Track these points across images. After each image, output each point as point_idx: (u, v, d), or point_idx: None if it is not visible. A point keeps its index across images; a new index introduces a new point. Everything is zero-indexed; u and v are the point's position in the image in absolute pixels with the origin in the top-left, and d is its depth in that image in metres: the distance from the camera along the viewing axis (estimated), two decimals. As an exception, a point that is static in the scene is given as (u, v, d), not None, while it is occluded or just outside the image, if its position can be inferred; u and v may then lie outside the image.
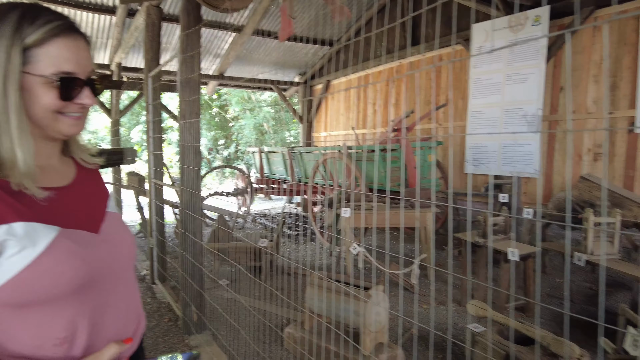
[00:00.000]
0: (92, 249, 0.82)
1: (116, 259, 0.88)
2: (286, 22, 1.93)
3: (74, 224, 0.82)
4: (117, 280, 0.87)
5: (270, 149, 8.18)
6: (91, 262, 0.80)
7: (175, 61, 3.46)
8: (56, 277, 0.74)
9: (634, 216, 3.58)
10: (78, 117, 0.84)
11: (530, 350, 2.37)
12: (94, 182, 0.97)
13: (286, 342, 2.93)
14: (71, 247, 0.77)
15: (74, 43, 0.80)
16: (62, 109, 0.81)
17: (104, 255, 0.84)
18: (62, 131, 0.83)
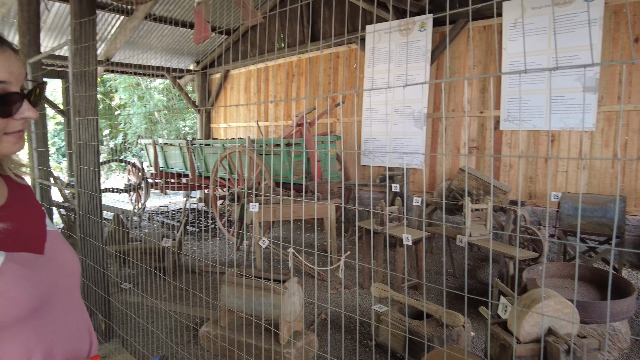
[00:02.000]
0: (40, 271, 0.80)
1: (63, 278, 0.86)
2: (201, 25, 1.93)
3: (17, 246, 0.79)
4: (66, 299, 0.87)
5: (166, 141, 7.80)
6: (40, 284, 0.79)
7: (58, 42, 3.16)
8: (7, 304, 0.72)
9: (500, 201, 4.27)
10: (19, 133, 0.80)
11: (427, 323, 2.74)
12: (28, 200, 0.93)
13: (202, 340, 2.94)
14: (19, 271, 0.75)
15: (2, 55, 0.75)
16: (5, 129, 0.77)
17: (51, 275, 0.82)
18: (6, 150, 0.79)
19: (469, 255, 4.88)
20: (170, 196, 10.48)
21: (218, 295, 2.94)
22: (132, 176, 8.37)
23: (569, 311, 1.66)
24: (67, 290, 0.88)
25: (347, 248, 5.43)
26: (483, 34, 5.85)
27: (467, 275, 4.40)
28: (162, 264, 4.45)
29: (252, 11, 2.32)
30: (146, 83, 13.69)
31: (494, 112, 5.68)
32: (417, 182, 6.47)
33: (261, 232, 4.71)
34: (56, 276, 0.84)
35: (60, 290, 0.85)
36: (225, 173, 6.07)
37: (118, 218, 4.86)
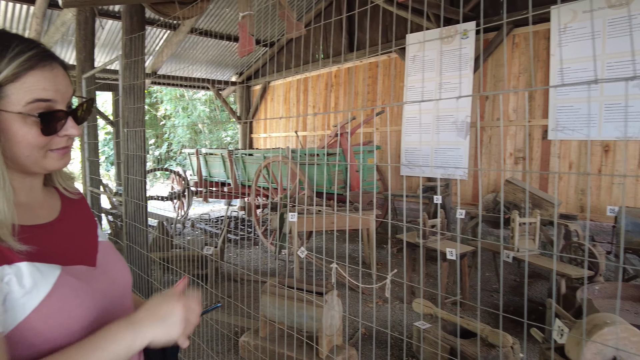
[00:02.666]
0: (94, 284, 0.81)
1: (115, 289, 0.87)
2: (246, 38, 1.96)
3: (72, 260, 0.80)
4: (118, 310, 0.87)
5: (208, 151, 8.00)
6: (95, 297, 0.79)
7: (110, 57, 3.30)
8: (65, 317, 0.73)
9: (550, 215, 4.05)
10: (64, 150, 0.81)
11: (471, 342, 2.62)
12: (81, 211, 0.95)
13: (242, 350, 2.94)
14: (75, 284, 0.76)
15: (50, 73, 0.75)
16: (49, 145, 0.77)
17: (104, 288, 0.83)
18: (48, 167, 0.79)
19: (515, 272, 4.65)
20: (212, 204, 10.72)
21: (258, 305, 2.94)
22: (176, 184, 8.64)
23: (637, 340, 1.52)
24: (119, 302, 0.88)
25: (387, 261, 5.33)
26: (529, 41, 5.63)
27: (513, 290, 4.19)
28: (203, 272, 4.53)
29: (296, 24, 2.33)
30: (190, 94, 14.18)
31: (541, 122, 5.44)
32: (461, 194, 6.27)
33: (300, 241, 4.71)
34: (109, 288, 0.85)
35: (113, 302, 0.85)
36: (265, 182, 6.14)
37: (162, 225, 5.01)
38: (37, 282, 0.71)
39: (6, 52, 0.72)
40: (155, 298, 0.80)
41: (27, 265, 0.71)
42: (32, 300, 0.70)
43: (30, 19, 6.66)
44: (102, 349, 0.71)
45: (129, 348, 0.73)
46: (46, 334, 0.71)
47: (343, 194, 5.68)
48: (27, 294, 0.70)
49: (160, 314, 0.77)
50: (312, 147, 7.30)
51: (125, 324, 0.74)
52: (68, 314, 0.74)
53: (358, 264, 5.13)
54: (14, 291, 0.69)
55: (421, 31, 6.53)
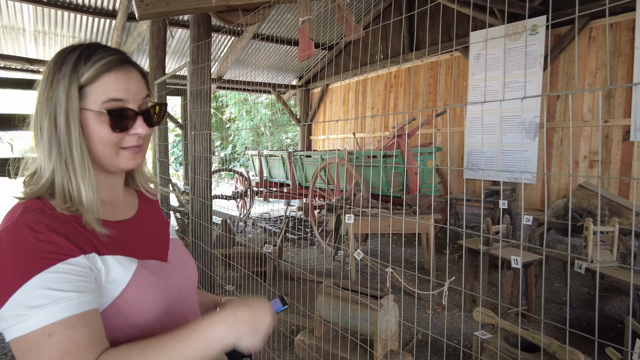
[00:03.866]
0: (165, 278, 0.87)
1: (184, 284, 0.93)
2: (305, 43, 2.00)
3: (147, 254, 0.87)
4: (185, 304, 0.93)
5: (269, 153, 8.24)
6: (166, 291, 0.86)
7: (179, 63, 3.51)
8: (140, 307, 0.79)
9: (630, 224, 3.70)
10: (136, 150, 0.86)
11: (535, 357, 2.47)
12: (155, 211, 1.03)
13: (297, 348, 3.00)
14: (150, 277, 0.83)
15: (124, 75, 0.82)
16: (120, 143, 0.83)
17: (174, 282, 0.89)
18: (120, 165, 0.85)
19: (590, 284, 4.30)
20: (272, 204, 11.02)
21: (314, 305, 2.98)
22: (239, 184, 8.98)
23: None
24: (187, 295, 0.94)
25: (446, 267, 5.16)
26: (609, 33, 5.19)
27: (586, 304, 3.88)
28: (262, 269, 4.68)
29: (355, 26, 2.34)
30: (253, 98, 14.68)
31: (622, 122, 5.00)
32: (527, 199, 5.93)
33: (356, 244, 4.70)
34: (178, 283, 0.91)
35: (182, 296, 0.91)
36: (323, 184, 6.20)
37: (225, 223, 5.23)
38: (119, 273, 0.78)
39: (90, 59, 0.80)
40: (255, 302, 0.83)
41: (111, 258, 0.79)
42: (114, 290, 0.77)
43: (112, 31, 7.26)
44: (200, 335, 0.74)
45: (222, 341, 0.76)
46: (121, 322, 0.78)
47: (401, 196, 5.59)
48: (111, 282, 0.77)
49: (257, 321, 0.80)
50: (369, 149, 7.25)
51: (225, 318, 0.77)
52: (143, 305, 0.80)
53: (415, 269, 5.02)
54: (102, 280, 0.77)
55: (485, 28, 6.25)
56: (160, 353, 0.70)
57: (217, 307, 1.07)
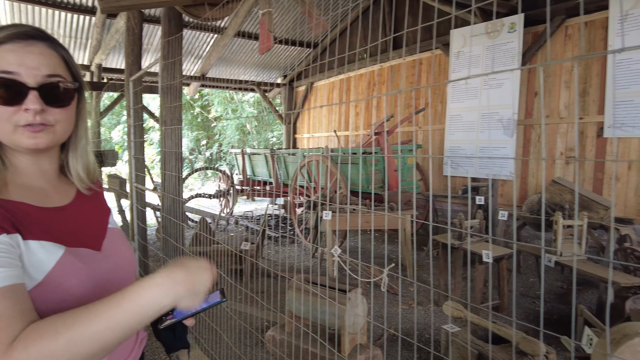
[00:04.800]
0: (95, 266, 0.85)
1: (118, 273, 0.91)
2: (265, 35, 1.98)
3: (77, 242, 0.85)
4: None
5: (252, 151, 8.21)
6: (95, 279, 0.83)
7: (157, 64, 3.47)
8: (64, 294, 0.77)
9: (600, 218, 3.75)
10: (36, 128, 0.80)
11: (501, 349, 2.49)
12: (95, 199, 1.00)
13: (267, 345, 2.99)
14: (77, 265, 0.81)
15: (22, 48, 0.78)
16: (14, 119, 0.79)
17: (105, 271, 0.87)
18: (20, 144, 0.80)
19: (561, 278, 4.35)
20: (257, 202, 10.98)
21: (282, 299, 2.97)
22: (223, 183, 8.94)
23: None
24: (120, 286, 0.92)
25: (425, 263, 5.19)
26: (583, 32, 5.26)
27: (559, 298, 3.92)
28: (240, 267, 4.65)
29: (321, 21, 2.34)
30: (239, 96, 14.61)
31: (596, 118, 5.06)
32: (506, 195, 5.99)
33: (335, 240, 4.70)
34: (110, 273, 0.89)
35: (114, 286, 0.89)
36: (304, 181, 6.19)
37: (203, 222, 5.20)
38: (43, 257, 0.77)
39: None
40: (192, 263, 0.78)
41: (36, 243, 0.77)
42: (38, 274, 0.75)
43: (92, 28, 7.18)
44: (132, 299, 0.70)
45: (157, 303, 0.71)
46: (43, 310, 0.76)
47: (381, 193, 5.60)
48: (33, 266, 0.75)
49: (194, 281, 0.76)
50: (349, 147, 7.26)
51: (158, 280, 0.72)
52: (67, 292, 0.78)
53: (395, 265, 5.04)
54: (24, 262, 0.74)
55: (465, 26, 6.29)
56: (87, 320, 0.67)
57: None
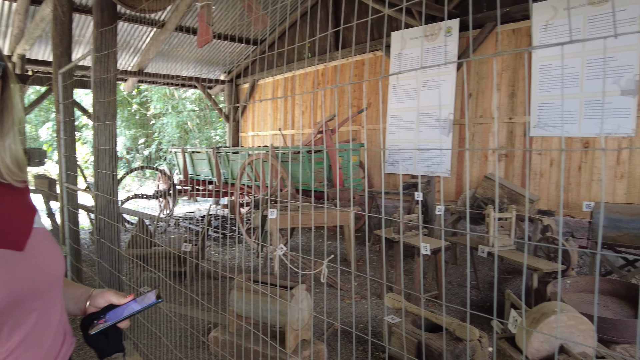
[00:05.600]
0: (16, 268, 0.79)
1: (42, 276, 0.85)
2: (204, 28, 1.94)
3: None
4: (43, 297, 0.85)
5: (194, 149, 7.97)
6: (15, 281, 0.77)
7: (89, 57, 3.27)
8: None
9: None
10: None
11: (439, 336, 2.61)
12: (19, 198, 0.93)
13: (210, 346, 2.92)
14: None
15: None
16: None
17: (29, 273, 0.81)
18: None
19: (494, 267, 4.65)
20: (200, 203, 10.68)
21: (227, 300, 2.92)
22: (162, 183, 8.60)
23: (584, 328, 1.52)
24: (47, 289, 0.86)
25: (369, 257, 5.32)
26: (512, 38, 5.65)
27: (491, 287, 4.19)
28: (182, 269, 4.51)
29: (261, 16, 2.31)
30: (180, 93, 14.12)
31: (523, 119, 5.45)
32: (443, 191, 6.28)
33: (279, 239, 4.69)
34: (35, 274, 0.83)
35: (39, 289, 0.83)
36: (248, 180, 6.11)
37: (142, 223, 4.97)
38: None
39: None
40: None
41: None
42: None
43: (13, 15, 6.61)
44: None
45: None
46: None
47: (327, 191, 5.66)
48: None
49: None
50: (296, 146, 7.28)
51: None
52: None
53: (340, 261, 5.11)
54: None
55: (406, 29, 6.53)
56: None
57: (89, 300, 1.01)
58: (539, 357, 1.61)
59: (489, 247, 3.52)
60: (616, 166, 4.77)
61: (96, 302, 1.00)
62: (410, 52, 6.44)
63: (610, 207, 3.80)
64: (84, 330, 0.95)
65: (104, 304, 0.99)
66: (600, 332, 2.26)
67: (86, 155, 14.71)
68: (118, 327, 0.96)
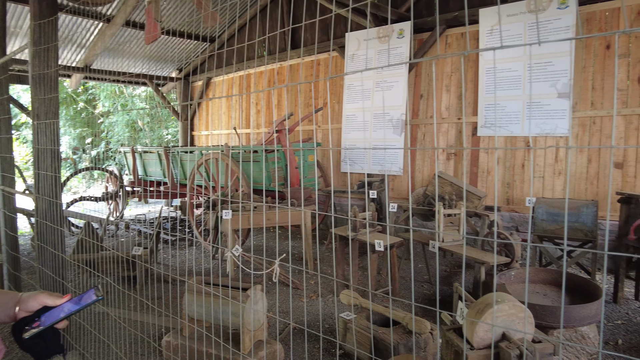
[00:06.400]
0: None
1: None
2: (152, 25, 1.87)
3: None
4: None
5: (145, 149, 7.69)
6: None
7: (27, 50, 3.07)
8: None
9: (475, 207, 4.24)
10: None
11: (393, 330, 2.68)
12: None
13: (164, 351, 2.84)
14: None
15: None
16: None
17: None
18: None
19: (445, 262, 4.84)
20: (152, 205, 10.32)
21: (180, 304, 2.85)
22: (111, 184, 8.23)
23: (524, 315, 1.61)
24: None
25: (325, 256, 5.36)
26: (461, 41, 5.89)
27: (443, 280, 4.35)
28: (132, 274, 4.34)
29: (211, 13, 2.27)
30: (129, 91, 13.57)
31: (471, 119, 5.69)
32: (397, 189, 6.44)
33: (236, 240, 4.63)
34: None
35: None
36: (202, 180, 5.98)
37: (89, 226, 4.74)
38: None
39: None
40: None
41: None
42: None
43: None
44: None
45: None
46: None
47: (283, 191, 5.65)
48: None
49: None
50: (249, 145, 7.20)
51: None
52: None
53: (297, 260, 5.12)
54: None
55: (360, 30, 6.63)
56: None
57: (18, 304, 0.96)
58: (484, 345, 1.70)
59: (440, 242, 3.65)
60: (554, 164, 5.10)
61: (27, 306, 0.95)
62: (363, 53, 6.56)
63: (550, 202, 4.05)
64: (17, 336, 0.90)
65: (37, 306, 0.95)
66: (540, 318, 2.41)
67: (26, 156, 13.82)
68: (55, 329, 0.93)
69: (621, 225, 3.73)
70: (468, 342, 1.80)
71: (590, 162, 4.91)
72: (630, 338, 3.08)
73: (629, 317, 3.44)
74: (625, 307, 3.64)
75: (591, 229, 3.86)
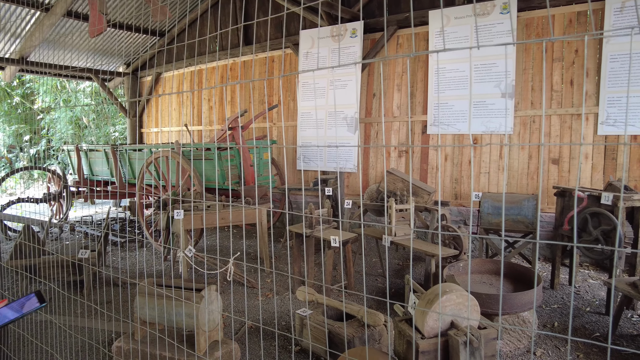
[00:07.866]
0: None
1: None
2: (96, 17, 1.79)
3: None
4: None
5: (90, 147, 7.32)
6: None
7: None
8: None
9: (425, 202, 4.40)
10: None
11: (348, 324, 2.73)
12: None
13: (115, 357, 2.73)
14: None
15: None
16: None
17: None
18: None
19: (397, 255, 4.98)
20: (98, 205, 9.85)
21: (131, 307, 2.75)
22: (53, 185, 7.76)
23: (471, 304, 1.71)
24: None
25: (282, 253, 5.36)
26: (412, 41, 6.06)
27: (396, 273, 4.48)
28: (79, 278, 4.13)
29: (161, 7, 2.21)
30: (72, 86, 12.83)
31: (422, 117, 5.89)
32: (351, 186, 6.55)
33: (188, 240, 4.52)
34: None
35: None
36: (152, 180, 5.78)
37: (28, 229, 4.46)
38: None
39: None
40: None
41: None
42: None
43: None
44: None
45: None
46: None
47: (237, 189, 5.58)
48: None
49: None
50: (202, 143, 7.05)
51: None
52: None
53: (252, 259, 5.08)
54: None
55: (314, 28, 6.66)
56: None
57: None
58: (434, 334, 1.78)
59: (392, 237, 3.76)
60: (499, 160, 5.38)
61: None
62: (317, 52, 6.59)
63: (495, 196, 4.28)
64: None
65: None
66: (485, 306, 2.55)
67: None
68: None
69: (557, 216, 4.01)
70: (419, 331, 1.88)
71: (531, 159, 5.24)
72: (565, 320, 3.33)
73: (564, 301, 3.71)
74: (561, 292, 3.92)
75: (532, 221, 4.11)
